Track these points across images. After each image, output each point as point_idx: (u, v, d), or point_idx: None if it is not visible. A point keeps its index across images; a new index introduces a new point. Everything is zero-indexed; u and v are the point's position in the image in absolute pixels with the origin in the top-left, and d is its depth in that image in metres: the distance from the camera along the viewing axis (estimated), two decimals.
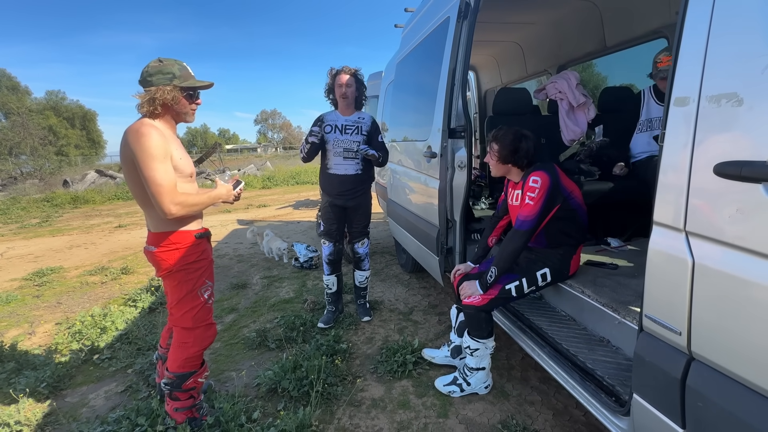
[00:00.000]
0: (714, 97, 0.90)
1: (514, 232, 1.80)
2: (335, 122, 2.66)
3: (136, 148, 1.44)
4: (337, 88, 2.59)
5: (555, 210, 1.79)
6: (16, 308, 3.48)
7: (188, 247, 1.63)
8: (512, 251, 1.79)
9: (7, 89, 26.52)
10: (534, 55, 4.21)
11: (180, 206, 1.49)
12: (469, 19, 2.19)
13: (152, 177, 1.44)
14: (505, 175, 1.97)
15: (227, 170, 2.54)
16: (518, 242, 1.78)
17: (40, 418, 1.95)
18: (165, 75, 1.52)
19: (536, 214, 1.74)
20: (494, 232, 2.14)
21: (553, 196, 1.76)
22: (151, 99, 1.50)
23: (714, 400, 0.91)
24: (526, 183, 1.79)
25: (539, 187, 1.74)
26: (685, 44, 0.97)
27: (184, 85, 1.55)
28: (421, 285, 3.63)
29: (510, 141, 1.85)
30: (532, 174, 1.78)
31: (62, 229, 7.37)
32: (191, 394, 1.75)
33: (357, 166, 2.68)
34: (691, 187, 0.95)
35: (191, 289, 1.66)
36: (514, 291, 1.84)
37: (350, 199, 2.72)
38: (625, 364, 1.50)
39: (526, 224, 1.76)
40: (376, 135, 2.71)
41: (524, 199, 1.78)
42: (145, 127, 1.46)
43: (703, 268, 0.93)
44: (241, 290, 3.69)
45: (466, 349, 1.96)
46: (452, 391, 2.04)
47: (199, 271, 1.67)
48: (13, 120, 21.01)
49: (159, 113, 1.54)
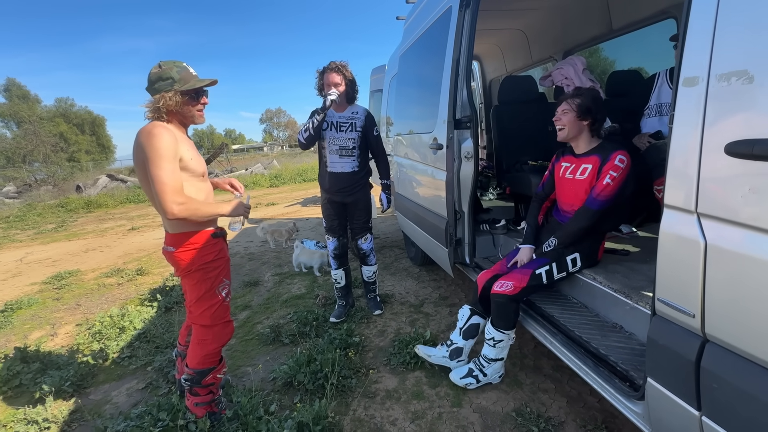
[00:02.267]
0: (724, 75, 0.88)
1: (586, 210, 1.77)
2: (330, 119, 2.63)
3: (146, 147, 1.46)
4: (326, 87, 2.54)
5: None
6: (37, 311, 3.59)
7: (206, 247, 1.66)
8: (580, 229, 1.79)
9: (18, 98, 27.08)
10: (538, 41, 4.15)
11: (182, 208, 1.49)
12: (472, 7, 2.17)
13: (158, 175, 1.45)
14: (575, 137, 1.89)
15: (237, 195, 2.58)
16: (589, 220, 1.76)
17: (67, 416, 2.02)
18: (165, 81, 1.52)
19: (614, 194, 1.73)
20: (541, 212, 2.12)
21: (629, 181, 1.75)
22: (156, 108, 1.52)
23: (729, 380, 0.91)
24: (611, 160, 1.74)
25: (624, 168, 1.72)
26: (693, 21, 0.96)
27: (184, 89, 1.54)
28: (431, 277, 3.64)
29: (593, 96, 1.83)
30: (618, 152, 1.74)
31: (77, 233, 7.53)
32: (210, 389, 1.79)
33: (353, 163, 2.67)
34: (702, 168, 0.94)
35: (210, 287, 1.69)
36: (545, 277, 1.82)
37: (348, 195, 2.72)
38: (639, 349, 1.49)
39: (601, 203, 1.74)
40: (371, 130, 2.68)
41: (604, 177, 1.73)
42: (157, 128, 1.48)
43: (716, 249, 0.92)
44: (253, 287, 3.74)
45: (489, 341, 1.93)
46: (469, 383, 2.02)
47: (217, 270, 1.70)
48: (25, 128, 21.46)
49: (166, 120, 1.55)
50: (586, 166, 1.84)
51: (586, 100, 1.82)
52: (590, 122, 1.84)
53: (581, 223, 1.78)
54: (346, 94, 2.59)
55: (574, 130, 1.88)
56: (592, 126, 1.85)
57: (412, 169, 3.22)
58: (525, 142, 3.00)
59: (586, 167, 1.84)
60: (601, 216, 1.77)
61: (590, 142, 1.88)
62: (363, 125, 2.66)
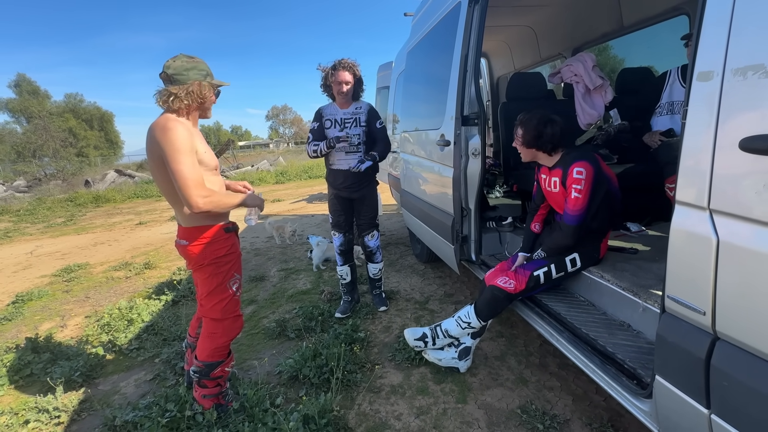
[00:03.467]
0: (740, 69, 0.87)
1: (567, 228, 1.79)
2: (334, 116, 2.65)
3: (163, 142, 1.46)
4: (336, 85, 2.56)
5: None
6: (47, 303, 3.64)
7: (219, 241, 1.68)
8: (566, 246, 1.83)
9: (28, 93, 27.37)
10: (547, 38, 4.11)
11: (207, 200, 1.50)
12: (481, 3, 2.16)
13: (179, 170, 1.46)
14: (533, 159, 1.95)
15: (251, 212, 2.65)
16: (572, 237, 1.79)
17: (76, 405, 2.05)
18: (200, 71, 1.57)
19: (585, 206, 1.74)
20: (535, 219, 2.13)
21: (599, 186, 1.75)
22: (189, 92, 1.53)
23: (740, 379, 0.90)
24: (569, 174, 1.76)
25: (584, 179, 1.72)
26: (709, 15, 0.94)
27: (214, 83, 1.63)
28: (436, 275, 3.64)
29: (534, 125, 1.83)
30: (574, 165, 1.75)
31: (86, 227, 7.62)
32: (218, 382, 1.81)
33: (359, 159, 2.67)
34: (716, 164, 0.93)
35: (221, 281, 1.70)
36: (543, 278, 1.85)
37: (355, 191, 2.73)
38: (647, 347, 1.48)
39: (576, 218, 1.76)
40: (374, 121, 2.68)
41: (570, 192, 1.75)
42: (171, 122, 1.49)
43: (729, 246, 0.91)
44: (259, 282, 3.76)
45: (462, 322, 2.00)
46: (417, 346, 2.15)
47: (228, 264, 1.72)
48: (35, 123, 21.72)
49: (190, 107, 1.58)
50: (555, 179, 1.88)
51: (527, 131, 1.85)
52: (537, 148, 1.87)
53: (565, 241, 1.82)
54: (353, 92, 2.63)
55: (527, 157, 1.95)
56: (542, 150, 1.87)
57: (419, 166, 3.21)
58: None
59: (555, 180, 1.88)
60: (586, 224, 1.79)
61: (551, 157, 1.89)
62: (366, 118, 2.67)
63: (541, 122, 1.82)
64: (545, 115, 1.85)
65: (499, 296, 1.88)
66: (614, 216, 1.87)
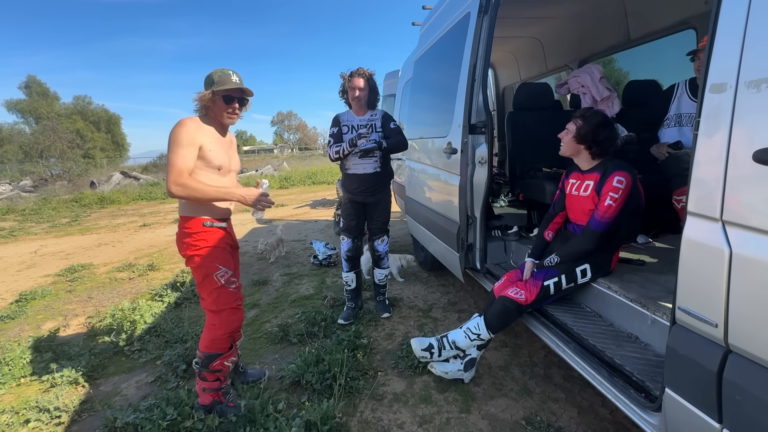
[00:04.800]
0: (753, 81, 0.87)
1: (591, 233, 1.77)
2: (351, 122, 2.72)
3: (170, 135, 1.64)
4: (351, 90, 2.64)
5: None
6: (50, 302, 3.65)
7: (197, 233, 1.75)
8: (585, 251, 1.80)
9: (38, 95, 27.75)
10: (554, 50, 4.14)
11: (180, 188, 1.59)
12: (490, 13, 2.18)
13: (169, 158, 1.62)
14: (573, 156, 1.93)
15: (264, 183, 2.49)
16: (593, 243, 1.77)
17: (77, 405, 2.04)
18: (208, 83, 1.73)
19: (615, 216, 1.73)
20: (550, 227, 2.11)
21: (633, 198, 1.75)
22: (198, 101, 1.74)
23: (754, 393, 0.89)
24: (608, 181, 1.74)
25: (623, 189, 1.71)
26: (722, 28, 0.95)
27: (216, 90, 1.71)
28: (440, 282, 3.62)
29: (596, 123, 1.81)
30: (616, 173, 1.74)
31: (90, 228, 7.65)
32: (218, 376, 1.83)
33: (375, 164, 2.70)
34: (729, 175, 0.93)
35: (206, 273, 1.76)
36: (553, 288, 1.83)
37: (370, 196, 2.76)
38: (655, 360, 1.47)
39: (604, 225, 1.75)
40: (388, 123, 2.74)
41: (604, 199, 1.74)
42: (183, 119, 1.66)
43: (742, 258, 0.91)
44: (262, 287, 3.76)
45: (471, 333, 1.97)
46: (423, 356, 2.11)
47: (209, 257, 1.76)
48: (43, 124, 21.97)
49: (206, 115, 1.76)
50: (588, 183, 1.86)
51: (587, 126, 1.82)
52: (586, 147, 1.85)
53: (586, 246, 1.80)
54: (367, 100, 2.69)
55: (569, 150, 1.92)
56: (589, 150, 1.85)
57: (424, 174, 3.22)
58: (539, 149, 2.98)
59: (588, 183, 1.86)
60: (609, 233, 1.78)
61: (592, 160, 1.88)
62: (381, 124, 2.72)
63: (603, 123, 1.81)
64: (608, 118, 1.84)
65: (510, 308, 1.86)
66: (635, 230, 1.87)
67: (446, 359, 2.11)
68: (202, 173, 1.69)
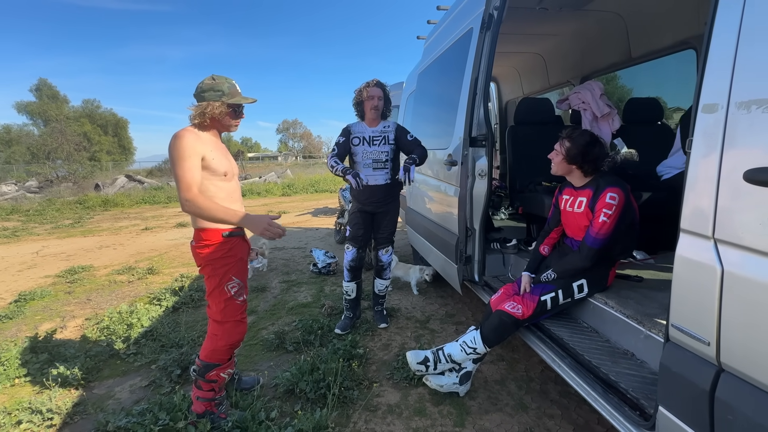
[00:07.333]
0: (744, 103, 0.89)
1: (588, 249, 1.77)
2: (363, 134, 2.72)
3: (170, 149, 1.62)
4: (370, 100, 2.65)
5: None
6: (49, 303, 3.65)
7: (216, 244, 1.73)
8: (581, 268, 1.80)
9: (48, 98, 28.18)
10: (557, 66, 4.20)
11: (189, 203, 1.58)
12: (492, 30, 2.23)
13: (175, 172, 1.61)
14: (566, 175, 1.94)
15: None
16: (590, 260, 1.77)
17: (70, 408, 2.04)
18: (216, 92, 1.69)
19: (610, 232, 1.74)
20: (546, 242, 2.12)
21: (625, 214, 1.76)
22: (202, 113, 1.67)
23: (746, 412, 0.88)
24: (601, 198, 1.75)
25: (617, 205, 1.73)
26: (714, 50, 0.97)
27: (230, 102, 1.71)
28: (438, 294, 3.61)
29: (584, 143, 1.83)
30: (609, 189, 1.75)
31: (93, 230, 7.70)
32: (213, 387, 1.81)
33: (386, 176, 2.72)
34: (720, 194, 0.94)
35: (218, 283, 1.75)
36: (550, 303, 1.83)
37: (380, 206, 2.77)
38: (650, 377, 1.46)
39: (600, 242, 1.75)
40: (404, 136, 2.73)
41: (598, 215, 1.75)
42: (182, 131, 1.64)
43: (733, 276, 0.91)
44: (260, 293, 3.76)
45: (467, 348, 1.96)
46: (418, 370, 2.10)
47: (225, 267, 1.75)
48: (52, 126, 22.24)
49: (207, 125, 1.71)
50: (581, 199, 1.87)
51: (575, 146, 1.84)
52: (577, 166, 1.87)
53: (583, 263, 1.80)
54: (381, 111, 2.71)
55: (561, 170, 1.93)
56: (580, 168, 1.87)
57: (425, 185, 3.24)
58: (540, 163, 2.99)
59: (581, 200, 1.87)
60: (605, 249, 1.78)
61: (584, 177, 1.90)
62: (395, 136, 2.73)
63: (591, 142, 1.83)
64: (594, 135, 1.86)
65: (507, 322, 1.85)
66: (631, 246, 1.87)
67: (442, 372, 2.10)
68: (210, 182, 1.69)
